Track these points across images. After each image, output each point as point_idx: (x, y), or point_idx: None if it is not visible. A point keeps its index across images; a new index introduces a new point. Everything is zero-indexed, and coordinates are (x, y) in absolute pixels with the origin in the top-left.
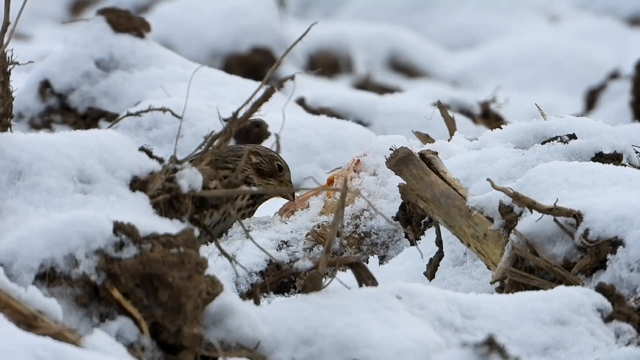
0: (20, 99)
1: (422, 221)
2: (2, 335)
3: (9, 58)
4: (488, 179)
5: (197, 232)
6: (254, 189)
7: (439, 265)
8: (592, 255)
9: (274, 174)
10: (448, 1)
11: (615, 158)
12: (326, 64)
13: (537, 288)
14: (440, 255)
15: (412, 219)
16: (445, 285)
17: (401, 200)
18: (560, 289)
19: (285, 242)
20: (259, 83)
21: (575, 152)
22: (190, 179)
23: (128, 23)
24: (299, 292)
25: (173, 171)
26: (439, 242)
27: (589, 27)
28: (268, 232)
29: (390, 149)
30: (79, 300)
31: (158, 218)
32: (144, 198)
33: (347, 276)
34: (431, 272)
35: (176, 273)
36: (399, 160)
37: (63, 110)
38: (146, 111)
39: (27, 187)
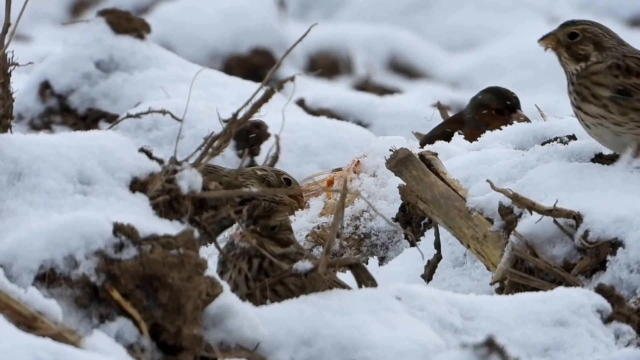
0: (20, 100)
1: (422, 222)
2: (2, 336)
3: (9, 59)
4: (488, 180)
5: (197, 233)
6: (254, 190)
7: (436, 267)
8: (592, 257)
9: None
10: (448, 2)
11: (615, 159)
12: (326, 65)
13: (537, 289)
14: (438, 257)
15: (412, 220)
16: (445, 287)
17: (401, 202)
18: (560, 290)
19: None
20: (258, 84)
21: (575, 153)
22: (190, 180)
23: (128, 24)
24: None
25: (173, 172)
26: (437, 245)
27: None
28: None
29: (390, 150)
30: (79, 301)
31: (158, 219)
32: (144, 199)
33: (347, 277)
34: (429, 274)
35: (176, 274)
36: (399, 162)
37: (63, 111)
38: (146, 113)
39: (27, 188)
